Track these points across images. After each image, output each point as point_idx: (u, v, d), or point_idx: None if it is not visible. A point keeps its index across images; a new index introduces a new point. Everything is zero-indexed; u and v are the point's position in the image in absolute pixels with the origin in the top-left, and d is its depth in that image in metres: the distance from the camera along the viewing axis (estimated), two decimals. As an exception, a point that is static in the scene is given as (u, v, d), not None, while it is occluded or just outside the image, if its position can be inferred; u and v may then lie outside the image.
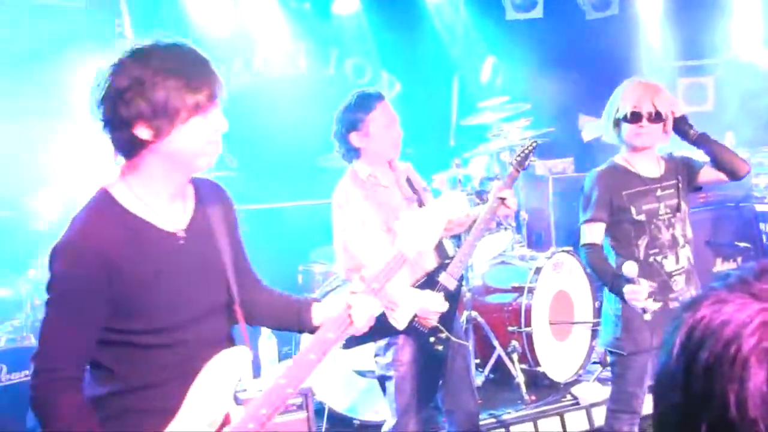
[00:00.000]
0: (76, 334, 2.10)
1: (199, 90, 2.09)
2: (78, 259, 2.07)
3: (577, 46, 8.24)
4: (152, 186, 2.18)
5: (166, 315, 2.17)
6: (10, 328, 4.72)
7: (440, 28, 8.39)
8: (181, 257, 2.21)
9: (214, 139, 2.17)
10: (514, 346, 5.51)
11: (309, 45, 7.87)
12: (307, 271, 6.07)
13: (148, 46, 2.10)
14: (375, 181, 3.92)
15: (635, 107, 3.63)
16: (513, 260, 5.93)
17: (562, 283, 5.79)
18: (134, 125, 2.06)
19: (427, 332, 3.79)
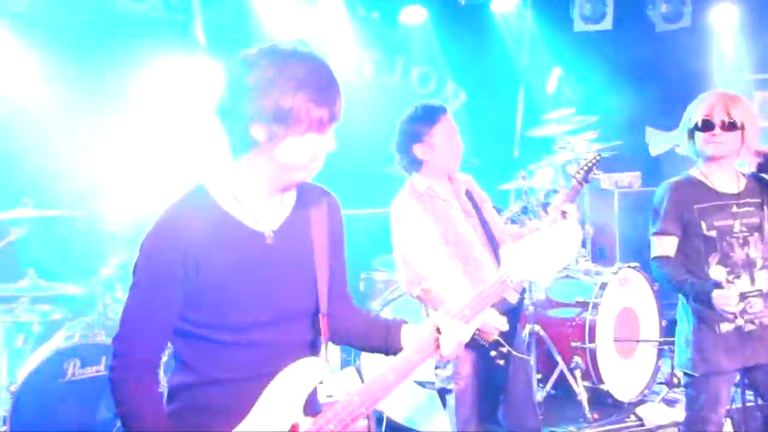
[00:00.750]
0: (153, 319, 2.15)
1: (324, 108, 2.10)
2: (159, 245, 2.13)
3: (647, 58, 8.11)
4: (248, 185, 2.21)
5: (243, 313, 2.17)
6: (83, 325, 4.83)
7: (507, 38, 8.36)
8: (266, 258, 2.21)
9: (319, 157, 2.18)
10: (577, 362, 5.44)
11: (375, 53, 7.93)
12: (369, 279, 6.09)
13: (287, 50, 2.12)
14: (433, 193, 3.91)
15: (707, 115, 3.57)
16: (578, 275, 5.86)
17: (628, 300, 5.70)
18: (252, 124, 2.10)
19: (488, 346, 3.73)
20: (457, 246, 3.83)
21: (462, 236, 3.85)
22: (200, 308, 2.16)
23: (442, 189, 3.95)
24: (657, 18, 8.30)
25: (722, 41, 8.39)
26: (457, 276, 3.75)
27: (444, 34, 8.06)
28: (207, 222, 2.16)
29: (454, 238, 3.84)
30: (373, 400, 2.26)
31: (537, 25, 8.35)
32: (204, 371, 2.19)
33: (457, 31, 8.07)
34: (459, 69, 8.19)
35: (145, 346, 2.16)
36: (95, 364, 4.46)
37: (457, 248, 3.82)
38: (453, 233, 3.85)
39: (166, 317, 2.16)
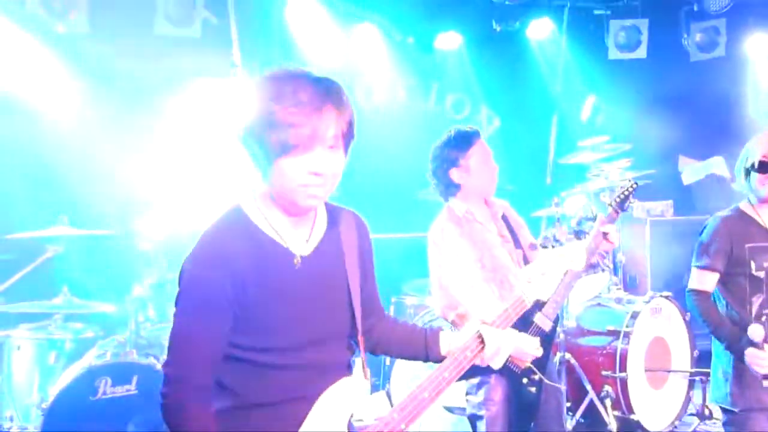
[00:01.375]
0: (206, 342, 2.13)
1: (299, 128, 2.06)
2: (205, 267, 2.12)
3: (681, 87, 8.03)
4: (274, 210, 2.22)
5: (280, 335, 2.17)
6: (115, 343, 4.85)
7: (542, 64, 8.36)
8: (301, 281, 2.21)
9: (308, 181, 2.12)
10: (607, 392, 5.35)
11: (410, 78, 7.97)
12: (399, 303, 6.07)
13: (279, 72, 2.15)
14: (471, 217, 3.91)
15: (765, 156, 3.51)
16: (609, 303, 5.78)
17: (660, 329, 5.60)
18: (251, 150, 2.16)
19: (520, 373, 3.70)
20: (493, 271, 3.82)
21: (498, 260, 3.85)
22: (242, 330, 2.15)
23: (479, 213, 3.96)
24: (692, 47, 8.25)
25: (757, 71, 8.29)
26: (493, 301, 3.73)
27: (479, 60, 8.09)
28: (247, 243, 2.16)
29: (491, 262, 3.84)
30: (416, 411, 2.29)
31: (572, 52, 8.33)
32: (244, 395, 2.18)
33: (492, 57, 8.09)
34: (493, 95, 8.20)
35: (198, 371, 2.13)
36: (126, 383, 4.47)
37: (493, 273, 3.82)
38: (490, 257, 3.85)
39: (218, 341, 2.14)
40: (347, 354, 2.35)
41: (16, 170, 5.87)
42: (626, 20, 8.13)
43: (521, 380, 3.71)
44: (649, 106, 8.05)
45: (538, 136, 8.35)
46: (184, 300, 2.14)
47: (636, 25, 8.11)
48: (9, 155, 5.85)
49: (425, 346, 2.51)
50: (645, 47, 8.12)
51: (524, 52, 8.26)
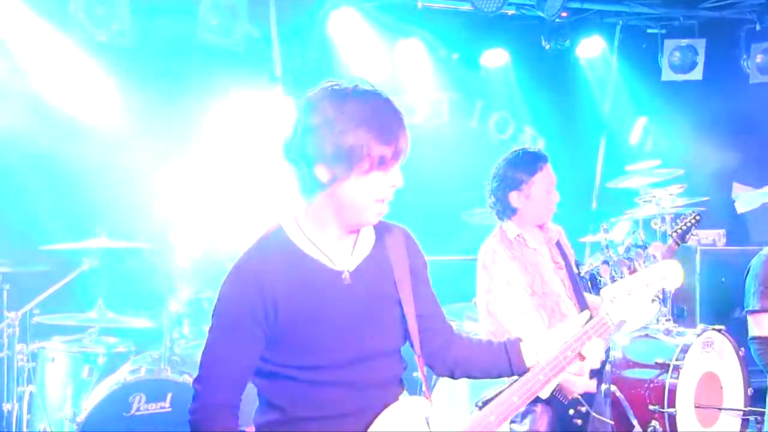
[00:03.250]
0: (233, 361, 2.24)
1: (387, 145, 2.16)
2: (238, 287, 2.23)
3: (738, 110, 8.00)
4: (320, 226, 2.29)
5: (325, 354, 2.24)
6: (149, 359, 4.96)
7: (591, 84, 8.39)
8: (345, 297, 2.28)
9: (386, 195, 2.24)
10: (654, 427, 5.33)
11: (453, 95, 8.03)
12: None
13: (348, 88, 2.20)
14: (522, 242, 3.93)
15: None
16: (657, 334, 5.76)
17: (711, 365, 5.57)
18: (315, 165, 2.18)
19: (566, 403, 3.71)
20: (543, 297, 3.84)
21: (550, 287, 3.87)
22: (282, 349, 2.24)
23: (533, 237, 3.97)
24: (752, 69, 8.20)
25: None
26: (541, 329, 3.76)
27: (526, 78, 8.13)
28: (286, 263, 2.25)
29: (542, 288, 3.86)
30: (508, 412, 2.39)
31: (622, 72, 8.36)
32: (289, 410, 2.27)
33: (539, 76, 8.13)
34: (539, 114, 8.23)
35: (224, 389, 2.25)
36: (160, 400, 4.58)
37: (543, 299, 3.84)
38: (541, 283, 3.87)
39: (245, 360, 2.25)
40: (398, 370, 2.41)
41: (54, 181, 6.03)
42: (682, 40, 8.12)
43: (568, 411, 3.72)
44: (704, 130, 8.03)
45: (584, 158, 8.39)
46: (214, 318, 2.27)
47: (692, 45, 8.11)
48: (47, 165, 6.00)
49: (508, 360, 2.50)
50: (701, 68, 8.10)
51: (573, 71, 8.30)
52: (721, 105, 8.06)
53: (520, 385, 2.41)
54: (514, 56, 8.04)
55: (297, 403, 2.26)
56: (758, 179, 8.53)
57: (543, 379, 2.43)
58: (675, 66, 8.15)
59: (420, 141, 8.30)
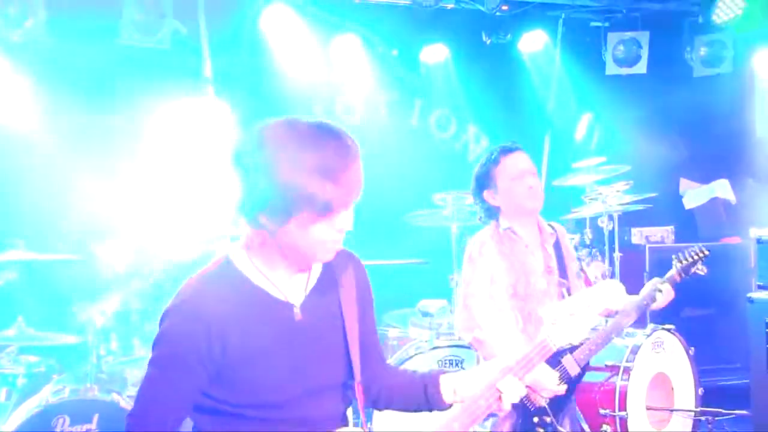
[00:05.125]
0: (172, 397, 2.19)
1: (332, 195, 2.06)
2: (183, 321, 2.16)
3: (683, 105, 8.15)
4: (270, 260, 2.24)
5: (274, 390, 2.20)
6: (73, 378, 4.83)
7: (534, 80, 8.46)
8: (297, 331, 2.24)
9: (335, 239, 2.17)
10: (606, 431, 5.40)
11: (393, 93, 8.02)
12: (381, 335, 6.09)
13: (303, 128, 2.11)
14: (514, 236, 3.97)
15: None
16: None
17: (662, 365, 5.65)
18: (257, 211, 2.11)
19: (532, 411, 3.76)
20: (524, 299, 3.89)
21: (533, 288, 3.91)
22: (227, 386, 2.19)
23: (527, 234, 4.01)
24: (696, 62, 8.36)
25: (765, 87, 8.43)
26: (513, 332, 3.80)
27: (467, 74, 8.17)
28: (235, 297, 2.19)
29: (525, 290, 3.90)
30: None
31: (566, 67, 8.45)
32: None
33: (480, 72, 8.16)
34: (482, 112, 8.26)
35: (160, 424, 2.19)
36: (86, 422, 4.45)
37: (524, 302, 3.89)
38: (525, 284, 3.91)
39: (185, 396, 2.19)
40: (343, 405, 2.38)
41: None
42: (625, 33, 8.24)
43: (532, 419, 3.76)
44: (649, 124, 8.17)
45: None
46: (156, 351, 2.20)
47: (636, 38, 8.22)
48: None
49: (425, 395, 2.48)
50: (645, 62, 8.22)
51: (515, 66, 8.36)
52: (666, 99, 8.21)
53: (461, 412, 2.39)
54: (454, 52, 8.06)
55: None
56: (705, 174, 8.71)
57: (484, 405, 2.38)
58: (619, 60, 8.26)
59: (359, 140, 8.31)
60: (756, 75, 8.41)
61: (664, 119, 8.22)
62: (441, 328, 5.64)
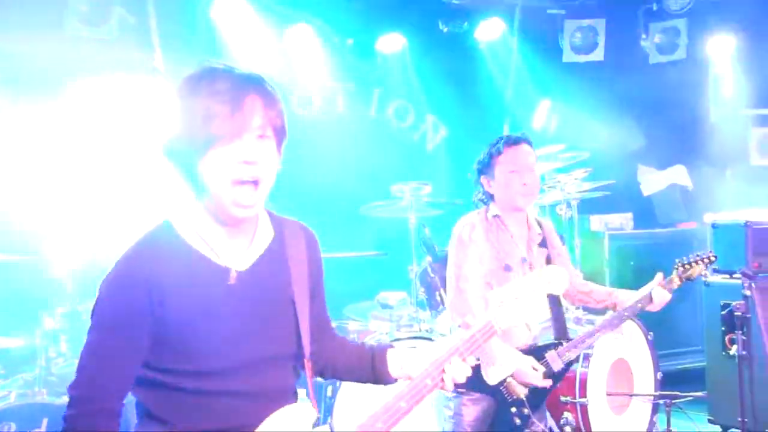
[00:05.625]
0: (115, 362, 2.13)
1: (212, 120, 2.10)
2: (122, 283, 2.14)
3: (640, 91, 8.21)
4: (206, 221, 2.22)
5: (213, 358, 2.17)
6: (21, 382, 4.73)
7: (492, 68, 8.45)
8: (236, 298, 2.21)
9: (239, 175, 2.14)
10: (567, 419, 5.40)
11: (349, 84, 7.97)
12: (341, 328, 6.05)
13: (192, 73, 2.19)
14: (502, 225, 4.02)
15: None
16: (567, 323, 5.85)
17: (622, 351, 5.69)
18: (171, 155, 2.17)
19: (510, 401, 3.82)
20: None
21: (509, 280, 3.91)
22: (167, 352, 2.15)
23: (515, 227, 4.06)
24: (651, 49, 8.42)
25: (719, 74, 8.52)
26: None
27: (424, 63, 8.14)
28: (173, 258, 2.17)
29: (498, 283, 3.88)
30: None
31: (524, 55, 8.45)
32: (173, 423, 2.18)
33: (438, 61, 8.15)
34: (440, 102, 8.25)
35: (106, 393, 2.14)
36: (35, 427, 4.37)
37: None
38: (498, 278, 3.93)
39: (127, 362, 2.15)
40: (291, 379, 2.36)
41: None
42: (582, 20, 8.28)
43: (510, 408, 3.83)
44: (607, 111, 8.20)
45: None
46: (95, 317, 2.16)
47: (592, 26, 8.27)
48: None
49: (372, 367, 2.52)
50: (602, 49, 8.27)
51: (473, 55, 8.35)
52: (623, 86, 8.26)
53: (408, 390, 2.38)
54: (411, 41, 8.03)
55: (181, 415, 2.17)
56: (662, 160, 8.79)
57: (430, 384, 2.40)
58: (576, 47, 8.30)
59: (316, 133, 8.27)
60: (710, 61, 8.47)
61: (621, 106, 8.26)
62: (401, 321, 5.62)
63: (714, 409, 5.98)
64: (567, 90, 8.35)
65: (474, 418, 3.87)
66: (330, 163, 7.08)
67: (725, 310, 5.39)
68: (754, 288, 5.35)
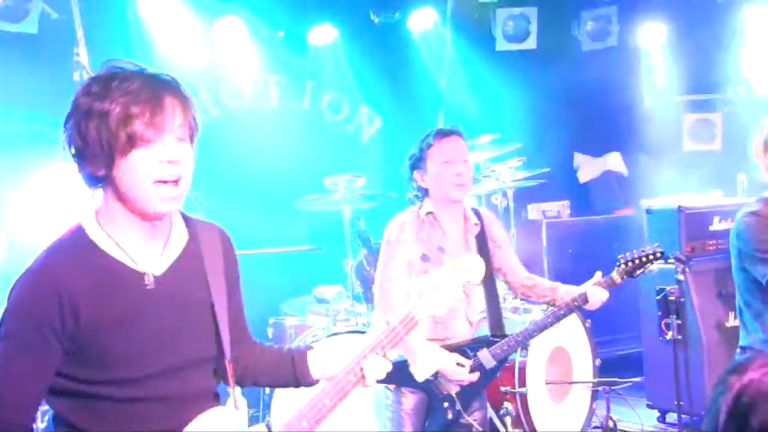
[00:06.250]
0: (26, 375, 2.09)
1: (137, 118, 2.08)
2: (33, 291, 2.08)
3: (573, 79, 8.31)
4: (120, 225, 2.18)
5: (132, 365, 2.14)
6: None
7: (425, 59, 8.47)
8: (153, 303, 2.18)
9: (163, 175, 2.12)
10: (507, 409, 5.47)
11: (281, 77, 7.93)
12: (278, 324, 6.04)
13: (100, 74, 2.14)
14: (434, 222, 4.02)
15: None
16: (505, 313, 5.91)
17: (560, 339, 5.77)
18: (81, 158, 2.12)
19: (441, 396, 3.87)
20: None
21: None
22: (83, 362, 2.11)
23: (449, 221, 4.07)
24: (583, 36, 8.53)
25: (651, 61, 8.68)
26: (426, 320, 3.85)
27: (356, 55, 8.13)
28: (86, 265, 2.13)
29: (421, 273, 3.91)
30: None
31: (457, 44, 8.49)
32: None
33: (370, 52, 8.16)
34: (374, 93, 8.25)
35: (17, 409, 2.10)
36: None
37: None
38: (422, 269, 3.94)
39: (40, 373, 2.10)
40: (212, 383, 2.35)
41: None
42: (514, 9, 8.33)
43: (442, 402, 3.88)
44: (541, 100, 8.30)
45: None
46: (3, 327, 2.11)
47: (524, 14, 8.33)
48: None
49: (293, 371, 2.51)
50: (534, 37, 8.33)
51: (406, 45, 8.36)
52: (557, 74, 8.34)
53: (331, 386, 2.41)
54: (342, 32, 8.01)
55: (101, 424, 2.13)
56: (597, 147, 8.94)
57: (353, 380, 2.43)
58: (509, 36, 8.36)
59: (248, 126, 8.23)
60: (641, 48, 8.62)
61: (555, 94, 8.36)
62: (338, 315, 5.62)
63: (652, 394, 6.10)
64: (501, 79, 8.40)
65: (411, 407, 3.92)
66: (263, 157, 7.05)
67: (660, 295, 5.50)
68: (688, 272, 5.45)
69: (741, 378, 0.95)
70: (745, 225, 3.24)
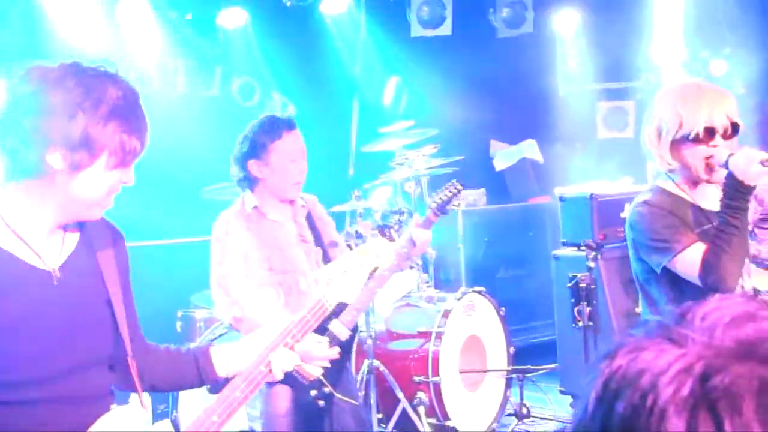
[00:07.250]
0: None
1: (136, 140, 2.15)
2: None
3: (489, 66, 8.43)
4: (31, 217, 2.16)
5: (35, 366, 2.13)
6: None
7: (339, 43, 8.49)
8: (55, 300, 2.17)
9: (117, 191, 2.20)
10: (420, 398, 5.58)
11: (189, 61, 7.85)
12: (187, 317, 6.00)
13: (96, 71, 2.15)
14: (260, 214, 3.99)
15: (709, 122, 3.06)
16: (419, 302, 6.03)
17: (474, 328, 5.91)
18: (48, 149, 2.05)
19: (308, 384, 3.72)
20: (282, 273, 3.92)
21: (290, 262, 3.95)
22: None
23: (276, 210, 4.03)
24: (499, 23, 8.67)
25: (565, 49, 8.89)
26: (276, 306, 3.83)
27: (268, 39, 8.08)
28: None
29: (281, 264, 3.93)
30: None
31: (371, 29, 8.51)
32: None
33: (282, 36, 8.11)
34: (286, 79, 8.22)
35: None
36: None
37: (282, 275, 3.92)
38: (280, 258, 3.94)
39: None
40: (109, 380, 2.35)
41: None
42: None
43: (309, 392, 3.74)
44: (456, 87, 8.39)
45: (337, 123, 8.52)
46: None
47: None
48: None
49: (197, 371, 2.49)
50: (450, 23, 8.40)
51: (318, 30, 8.34)
52: (472, 61, 8.46)
53: (242, 378, 2.44)
54: (253, 15, 7.96)
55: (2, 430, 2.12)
56: (513, 135, 9.11)
57: (264, 370, 2.46)
58: (424, 21, 8.42)
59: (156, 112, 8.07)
60: (556, 35, 8.83)
61: (470, 81, 8.47)
62: (248, 306, 5.63)
63: (565, 380, 6.29)
64: (416, 65, 8.49)
65: (284, 412, 3.85)
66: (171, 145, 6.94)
67: (572, 282, 5.67)
68: (599, 259, 5.64)
69: (611, 364, 0.97)
70: (638, 215, 3.33)
